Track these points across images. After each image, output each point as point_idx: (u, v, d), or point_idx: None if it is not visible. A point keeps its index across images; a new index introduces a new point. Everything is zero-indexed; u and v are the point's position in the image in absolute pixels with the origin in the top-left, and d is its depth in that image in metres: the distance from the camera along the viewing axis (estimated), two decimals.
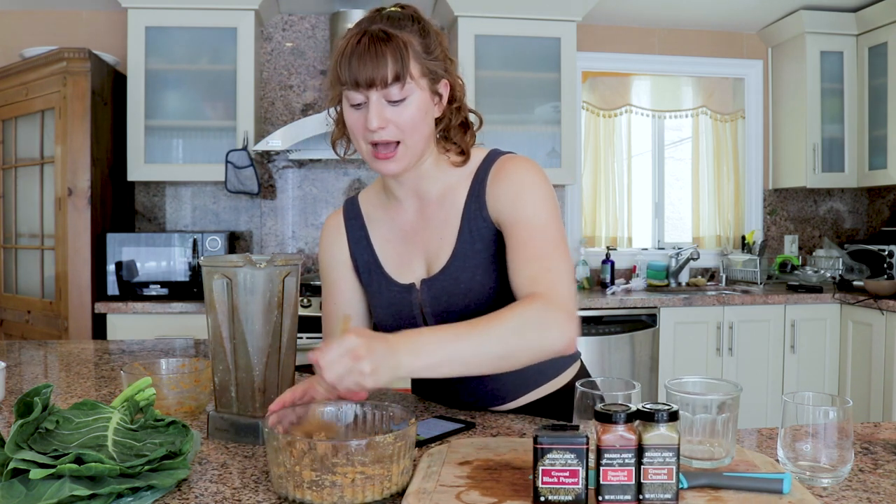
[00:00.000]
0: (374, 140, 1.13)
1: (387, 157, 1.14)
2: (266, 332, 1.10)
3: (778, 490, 0.81)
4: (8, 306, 3.42)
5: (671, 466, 0.77)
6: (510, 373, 1.28)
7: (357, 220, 1.33)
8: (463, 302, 1.21)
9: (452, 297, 1.21)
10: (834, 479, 0.90)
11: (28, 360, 1.82)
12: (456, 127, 1.23)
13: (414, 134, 1.14)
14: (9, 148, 3.35)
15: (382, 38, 1.10)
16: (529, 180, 1.18)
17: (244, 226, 3.79)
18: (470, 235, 1.21)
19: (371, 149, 1.14)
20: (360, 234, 1.32)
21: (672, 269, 3.97)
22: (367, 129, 1.12)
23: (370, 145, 1.14)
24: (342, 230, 1.34)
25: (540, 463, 0.78)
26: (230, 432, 1.11)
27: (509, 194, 1.17)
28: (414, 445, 0.92)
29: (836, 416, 0.89)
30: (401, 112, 1.12)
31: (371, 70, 1.09)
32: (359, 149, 1.18)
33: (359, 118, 1.13)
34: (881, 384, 3.30)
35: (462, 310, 1.21)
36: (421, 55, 1.13)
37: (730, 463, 0.92)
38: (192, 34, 3.40)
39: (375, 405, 1.00)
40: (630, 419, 0.78)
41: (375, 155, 1.14)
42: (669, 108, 4.22)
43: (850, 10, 3.77)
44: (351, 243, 1.32)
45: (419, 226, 1.26)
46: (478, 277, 1.20)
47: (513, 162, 1.21)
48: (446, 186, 1.24)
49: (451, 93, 1.20)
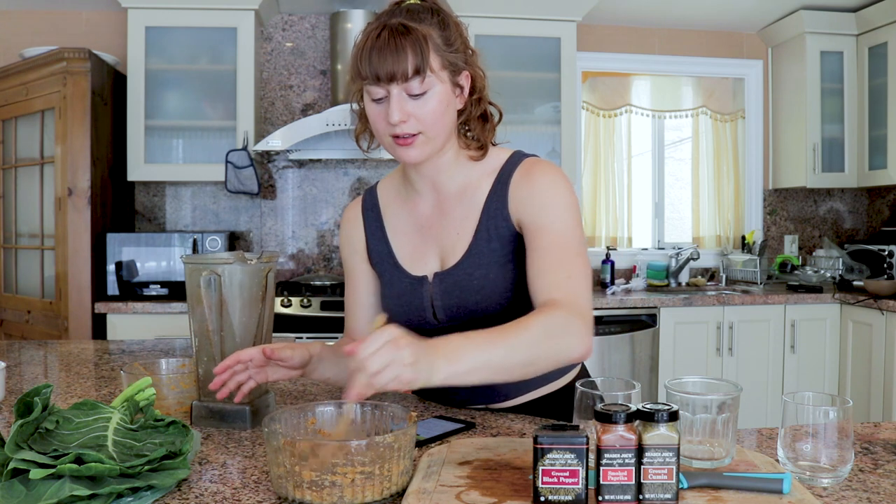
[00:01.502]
0: (396, 133, 1.13)
1: (407, 143, 1.14)
2: (252, 324, 1.16)
3: (778, 490, 0.81)
4: (8, 306, 3.42)
5: (671, 466, 0.77)
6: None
7: (374, 211, 1.34)
8: (474, 298, 1.21)
9: (465, 293, 1.21)
10: (834, 479, 0.90)
11: (28, 360, 1.82)
12: (476, 119, 1.23)
13: (435, 126, 1.14)
14: (9, 148, 3.35)
15: (402, 31, 1.10)
16: (556, 187, 1.18)
17: (244, 226, 3.79)
18: (487, 233, 1.21)
19: (392, 139, 1.15)
20: (376, 224, 1.33)
21: (672, 269, 3.97)
22: (388, 122, 1.12)
23: (394, 139, 1.15)
24: (359, 220, 1.35)
25: (540, 463, 0.78)
26: (215, 419, 1.17)
27: (535, 199, 1.18)
28: (414, 445, 0.92)
29: (836, 416, 0.89)
30: (422, 105, 1.12)
31: (391, 64, 1.09)
32: (381, 142, 1.19)
33: (380, 112, 1.14)
34: (881, 384, 3.30)
35: (473, 306, 1.21)
36: (441, 48, 1.13)
37: (730, 463, 0.92)
38: (192, 34, 3.40)
39: (375, 405, 1.00)
40: (630, 419, 0.78)
41: (396, 141, 1.14)
42: (669, 108, 4.22)
43: (850, 10, 3.77)
44: (367, 233, 1.34)
45: (436, 219, 1.26)
46: (491, 275, 1.20)
47: (540, 166, 1.22)
48: (466, 182, 1.24)
49: (472, 84, 1.20)
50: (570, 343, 1.03)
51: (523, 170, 1.22)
